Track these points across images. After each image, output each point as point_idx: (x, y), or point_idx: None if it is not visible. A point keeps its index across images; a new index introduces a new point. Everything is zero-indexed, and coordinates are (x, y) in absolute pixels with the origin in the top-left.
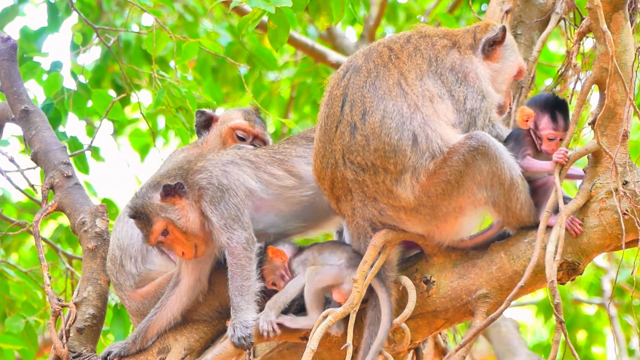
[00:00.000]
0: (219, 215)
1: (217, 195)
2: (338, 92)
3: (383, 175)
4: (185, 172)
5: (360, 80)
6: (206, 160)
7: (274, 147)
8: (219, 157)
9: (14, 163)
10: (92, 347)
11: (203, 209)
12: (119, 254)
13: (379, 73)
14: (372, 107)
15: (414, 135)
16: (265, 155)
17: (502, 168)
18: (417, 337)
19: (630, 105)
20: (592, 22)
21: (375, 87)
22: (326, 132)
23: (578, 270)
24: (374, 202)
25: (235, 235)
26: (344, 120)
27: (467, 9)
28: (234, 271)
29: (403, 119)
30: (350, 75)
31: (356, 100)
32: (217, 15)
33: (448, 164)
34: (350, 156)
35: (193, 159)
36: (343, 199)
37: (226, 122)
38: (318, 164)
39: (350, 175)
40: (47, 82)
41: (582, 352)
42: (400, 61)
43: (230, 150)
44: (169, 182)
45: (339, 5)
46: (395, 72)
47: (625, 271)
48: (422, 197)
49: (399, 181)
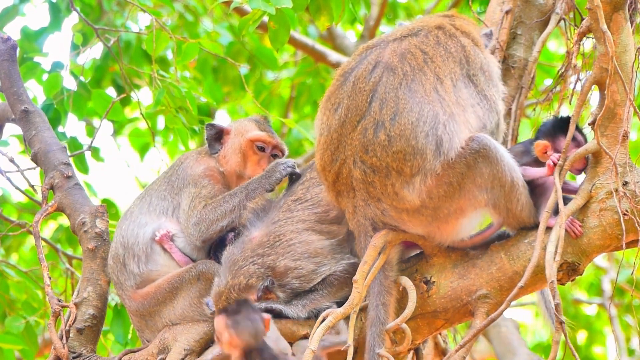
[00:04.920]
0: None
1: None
2: (365, 86)
3: (394, 177)
4: (271, 270)
5: (396, 81)
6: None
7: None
8: (295, 248)
9: (14, 163)
10: (92, 348)
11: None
12: (122, 253)
13: (415, 76)
14: (406, 109)
15: (440, 140)
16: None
17: (503, 170)
18: (417, 338)
19: (630, 106)
20: (592, 22)
21: (411, 89)
22: (344, 124)
23: (578, 270)
24: (377, 202)
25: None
26: (370, 116)
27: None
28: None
29: (437, 124)
30: (382, 72)
31: (388, 100)
32: (217, 15)
33: (451, 166)
34: (364, 155)
35: (261, 250)
36: (345, 194)
37: (243, 135)
38: (327, 156)
39: (359, 175)
40: (47, 82)
41: (582, 352)
42: (435, 65)
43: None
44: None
45: (339, 5)
46: (432, 77)
47: (625, 271)
48: (426, 199)
49: (409, 184)
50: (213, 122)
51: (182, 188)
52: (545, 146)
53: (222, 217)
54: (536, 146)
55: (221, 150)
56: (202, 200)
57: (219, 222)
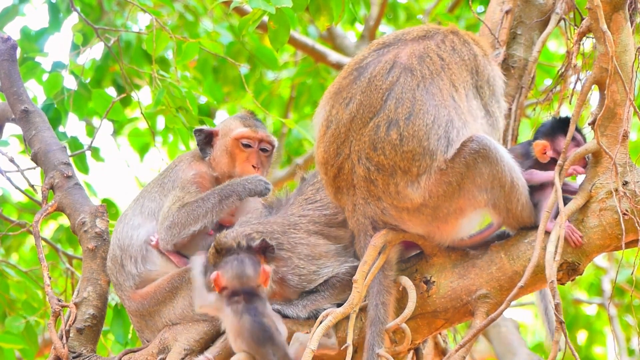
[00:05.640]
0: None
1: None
2: (382, 84)
3: (399, 177)
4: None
5: (414, 82)
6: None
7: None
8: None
9: (14, 163)
10: (92, 348)
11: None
12: (119, 254)
13: (433, 80)
14: (422, 110)
15: (450, 143)
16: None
17: (503, 171)
18: (417, 338)
19: (630, 106)
20: (592, 22)
21: (428, 92)
22: (355, 120)
23: (578, 270)
24: (378, 201)
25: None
26: (384, 114)
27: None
28: None
29: (451, 129)
30: (400, 73)
31: (405, 100)
32: (217, 15)
33: (450, 165)
34: (372, 153)
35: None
36: (344, 191)
37: (228, 135)
38: (332, 150)
39: (362, 172)
40: (48, 82)
41: (582, 352)
42: (451, 72)
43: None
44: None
45: (339, 5)
46: (448, 83)
47: (625, 271)
48: (427, 198)
49: (414, 183)
50: (200, 127)
51: (170, 190)
52: (544, 146)
53: (194, 221)
54: (535, 146)
55: (211, 153)
56: (182, 204)
57: (191, 226)
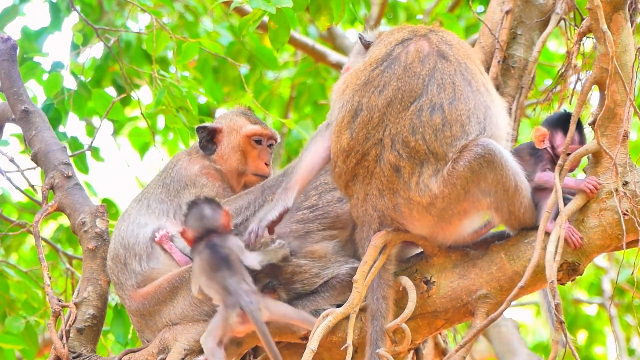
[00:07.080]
0: None
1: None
2: (421, 70)
3: (428, 165)
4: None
5: (451, 68)
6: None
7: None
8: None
9: (14, 163)
10: (92, 348)
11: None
12: (122, 253)
13: (467, 66)
14: (463, 96)
15: (484, 129)
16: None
17: (507, 175)
18: (417, 338)
19: (630, 106)
20: (592, 22)
21: (465, 78)
22: (392, 104)
23: (578, 270)
24: (393, 194)
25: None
26: (427, 98)
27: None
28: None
29: (488, 117)
30: (436, 60)
31: (446, 85)
32: (217, 15)
33: (455, 167)
34: (409, 137)
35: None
36: (360, 179)
37: (237, 132)
38: (361, 135)
39: (392, 158)
40: (48, 82)
41: (582, 352)
42: (475, 64)
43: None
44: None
45: (339, 5)
46: (477, 71)
47: (625, 271)
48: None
49: (440, 172)
50: (203, 124)
51: (179, 190)
52: (543, 135)
53: (236, 214)
54: (536, 130)
55: (217, 149)
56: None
57: (233, 219)
